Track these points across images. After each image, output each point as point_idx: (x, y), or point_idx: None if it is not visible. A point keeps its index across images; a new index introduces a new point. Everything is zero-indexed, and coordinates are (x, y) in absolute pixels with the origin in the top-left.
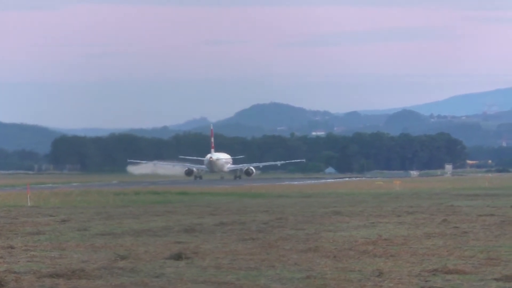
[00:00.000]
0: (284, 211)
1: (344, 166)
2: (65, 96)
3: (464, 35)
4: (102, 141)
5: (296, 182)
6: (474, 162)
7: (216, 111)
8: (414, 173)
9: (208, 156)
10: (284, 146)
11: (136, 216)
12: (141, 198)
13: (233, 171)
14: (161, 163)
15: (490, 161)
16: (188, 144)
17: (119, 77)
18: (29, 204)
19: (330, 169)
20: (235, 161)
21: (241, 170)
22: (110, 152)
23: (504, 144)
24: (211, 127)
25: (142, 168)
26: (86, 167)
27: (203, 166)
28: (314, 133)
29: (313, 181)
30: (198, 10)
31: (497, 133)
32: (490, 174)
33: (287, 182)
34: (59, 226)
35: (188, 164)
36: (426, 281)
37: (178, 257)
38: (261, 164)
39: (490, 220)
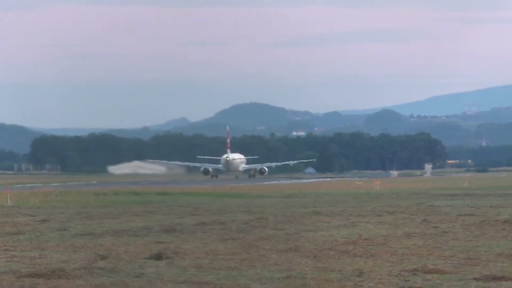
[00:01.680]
0: (264, 211)
1: (324, 166)
2: (44, 96)
3: (444, 35)
4: (82, 141)
5: (275, 182)
6: (453, 162)
7: (197, 111)
8: (394, 173)
9: (225, 156)
10: (264, 146)
11: (116, 216)
12: (121, 198)
13: (247, 171)
14: (177, 163)
15: (469, 161)
16: (168, 144)
17: (99, 77)
18: (9, 203)
19: (310, 169)
20: (248, 161)
21: (255, 169)
22: (90, 152)
23: (483, 144)
24: (227, 129)
25: (122, 168)
26: (66, 167)
27: (219, 166)
28: (294, 133)
29: (293, 181)
30: (179, 12)
31: (476, 133)
32: (469, 174)
33: (266, 183)
34: (39, 226)
35: (207, 164)
36: (406, 280)
37: (158, 257)
38: (273, 164)
39: (470, 220)
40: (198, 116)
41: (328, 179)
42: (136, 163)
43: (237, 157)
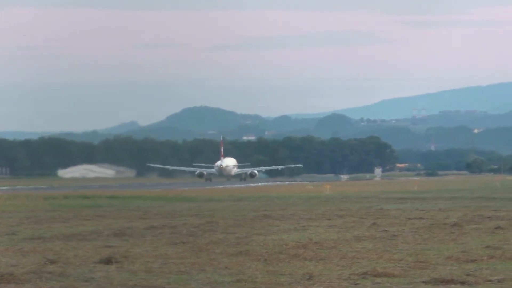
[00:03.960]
0: (215, 215)
1: (274, 170)
2: None
3: (394, 39)
4: (32, 144)
5: (225, 186)
6: (403, 165)
7: (147, 114)
8: (344, 177)
9: (219, 163)
10: (215, 150)
11: (65, 220)
12: (70, 202)
13: (238, 175)
14: (174, 167)
15: (419, 165)
16: (118, 148)
17: (49, 80)
18: None
19: (260, 174)
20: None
21: (245, 173)
22: (39, 156)
23: (432, 147)
24: (221, 139)
25: (72, 172)
26: (15, 171)
27: (213, 170)
28: (245, 138)
29: (243, 185)
30: (129, 14)
31: (425, 136)
32: (419, 178)
33: (215, 186)
34: None
35: (201, 169)
36: (356, 284)
37: (108, 261)
38: (263, 168)
39: (419, 223)
40: (149, 119)
41: (278, 182)
42: (86, 166)
43: (230, 164)
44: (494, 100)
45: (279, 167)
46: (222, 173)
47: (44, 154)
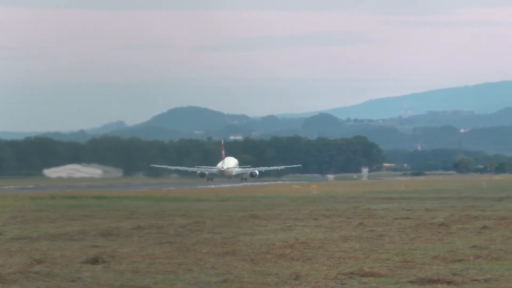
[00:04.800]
0: (202, 215)
1: (268, 171)
2: None
3: (381, 39)
4: (18, 144)
5: (213, 186)
6: (390, 165)
7: (134, 114)
8: (331, 176)
9: (220, 166)
10: (201, 150)
11: (52, 220)
12: (57, 202)
13: (239, 174)
14: (178, 167)
15: (405, 165)
16: (105, 148)
17: (35, 80)
18: None
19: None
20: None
21: (246, 173)
22: (26, 156)
23: (419, 147)
24: (222, 142)
25: (59, 172)
26: (2, 171)
27: (214, 170)
28: (232, 137)
29: (231, 185)
30: (115, 14)
31: (412, 136)
32: (405, 178)
33: (201, 186)
34: None
35: (203, 168)
36: (343, 284)
37: (94, 261)
38: (263, 169)
39: (406, 223)
40: (136, 119)
41: (266, 182)
42: (72, 166)
43: (231, 166)
44: (481, 100)
45: (279, 168)
46: (224, 174)
47: (30, 154)
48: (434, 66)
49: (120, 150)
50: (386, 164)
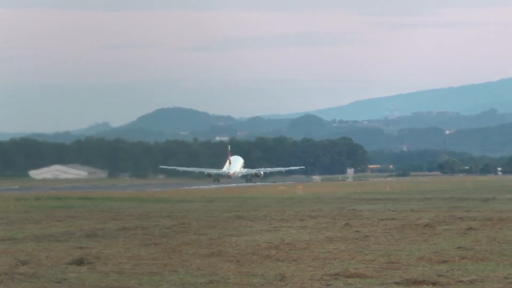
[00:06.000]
0: (187, 216)
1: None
2: None
3: (366, 40)
4: (3, 145)
5: (197, 187)
6: (375, 166)
7: (119, 115)
8: (316, 177)
9: (226, 170)
10: (187, 151)
11: (37, 221)
12: (42, 203)
13: (244, 176)
14: (184, 169)
15: (391, 166)
16: (90, 149)
17: (20, 81)
18: None
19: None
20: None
21: (251, 174)
22: (11, 157)
23: (404, 148)
24: (229, 148)
25: (44, 173)
26: None
27: (221, 171)
28: (218, 138)
29: (216, 186)
30: (101, 14)
31: (398, 137)
32: (391, 178)
33: (186, 187)
34: None
35: (210, 170)
36: (328, 285)
37: (80, 262)
38: (268, 170)
39: (391, 224)
40: (121, 120)
41: (251, 183)
42: (57, 167)
43: (237, 170)
44: (466, 101)
45: (283, 169)
46: (230, 177)
47: (15, 155)
48: (420, 67)
49: (105, 151)
50: (371, 165)
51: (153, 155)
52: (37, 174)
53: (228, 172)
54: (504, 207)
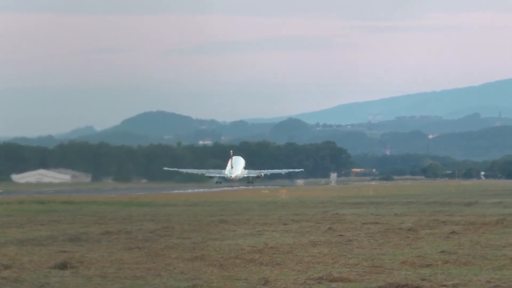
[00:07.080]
0: (171, 220)
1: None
2: None
3: (350, 44)
4: None
5: (181, 191)
6: (359, 170)
7: (102, 119)
8: (299, 181)
9: (229, 174)
10: (170, 155)
11: (20, 225)
12: (25, 207)
13: (245, 178)
14: (190, 170)
15: (374, 170)
16: (73, 153)
17: (1, 85)
18: None
19: (215, 178)
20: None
21: (252, 176)
22: None
23: (387, 152)
24: (231, 154)
25: (27, 177)
26: None
27: (223, 174)
28: (201, 142)
29: (200, 190)
30: (84, 19)
31: (381, 141)
32: (374, 182)
33: (171, 191)
34: None
35: (213, 173)
36: None
37: (63, 266)
38: (269, 172)
39: (374, 228)
40: (104, 124)
41: (235, 188)
42: (41, 171)
43: (238, 173)
44: (448, 105)
45: (283, 171)
46: (233, 179)
47: None
48: (402, 72)
49: (89, 155)
50: (355, 169)
51: (136, 159)
52: (20, 178)
53: (231, 176)
54: (487, 212)
